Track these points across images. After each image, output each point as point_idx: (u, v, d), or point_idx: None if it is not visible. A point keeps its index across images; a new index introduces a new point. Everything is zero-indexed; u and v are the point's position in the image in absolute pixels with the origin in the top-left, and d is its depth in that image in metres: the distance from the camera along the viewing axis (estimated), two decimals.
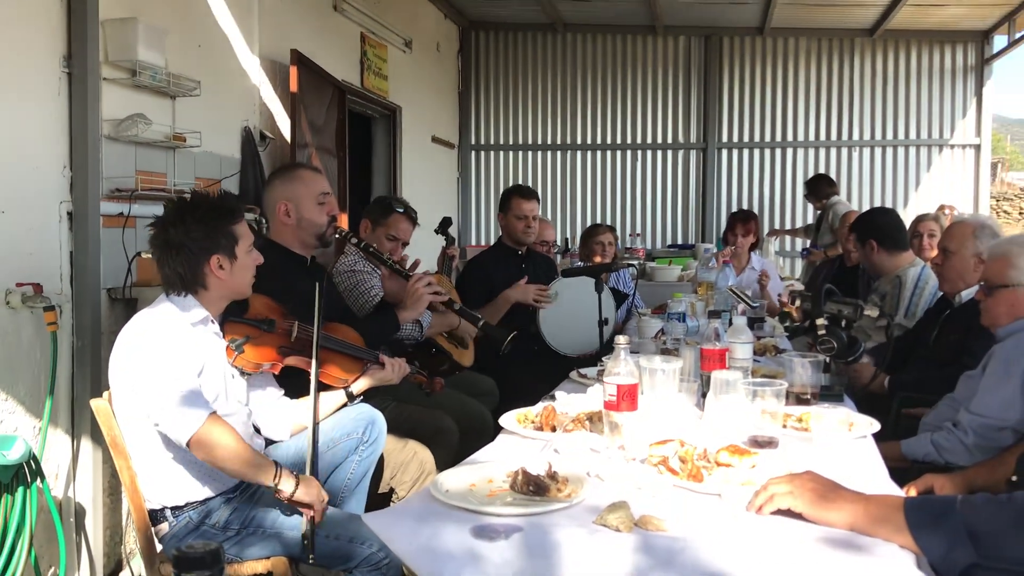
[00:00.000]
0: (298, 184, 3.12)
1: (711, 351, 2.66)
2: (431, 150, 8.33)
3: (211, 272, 2.42)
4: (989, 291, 2.78)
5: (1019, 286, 2.70)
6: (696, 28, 8.92)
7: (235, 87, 4.60)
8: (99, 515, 3.38)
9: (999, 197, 22.19)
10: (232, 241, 2.45)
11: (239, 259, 2.46)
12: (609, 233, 5.77)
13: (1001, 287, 2.73)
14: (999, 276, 2.74)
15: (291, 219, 3.10)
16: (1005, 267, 2.73)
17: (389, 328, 3.32)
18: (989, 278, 2.78)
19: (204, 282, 2.43)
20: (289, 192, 3.11)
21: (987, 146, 8.87)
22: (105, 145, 3.47)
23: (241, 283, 2.51)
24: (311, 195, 3.11)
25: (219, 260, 2.42)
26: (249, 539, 2.43)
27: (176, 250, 2.40)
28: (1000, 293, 2.73)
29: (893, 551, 1.58)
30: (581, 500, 1.78)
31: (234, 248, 2.45)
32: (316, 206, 3.11)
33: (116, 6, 3.57)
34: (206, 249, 2.41)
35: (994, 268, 2.77)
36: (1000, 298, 2.74)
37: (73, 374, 3.28)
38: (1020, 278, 2.70)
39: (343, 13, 6.13)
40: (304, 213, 3.10)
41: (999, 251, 2.79)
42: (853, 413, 2.60)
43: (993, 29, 8.47)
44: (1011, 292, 2.71)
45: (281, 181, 3.17)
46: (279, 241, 3.15)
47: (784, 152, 9.03)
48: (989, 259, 2.84)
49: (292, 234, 3.13)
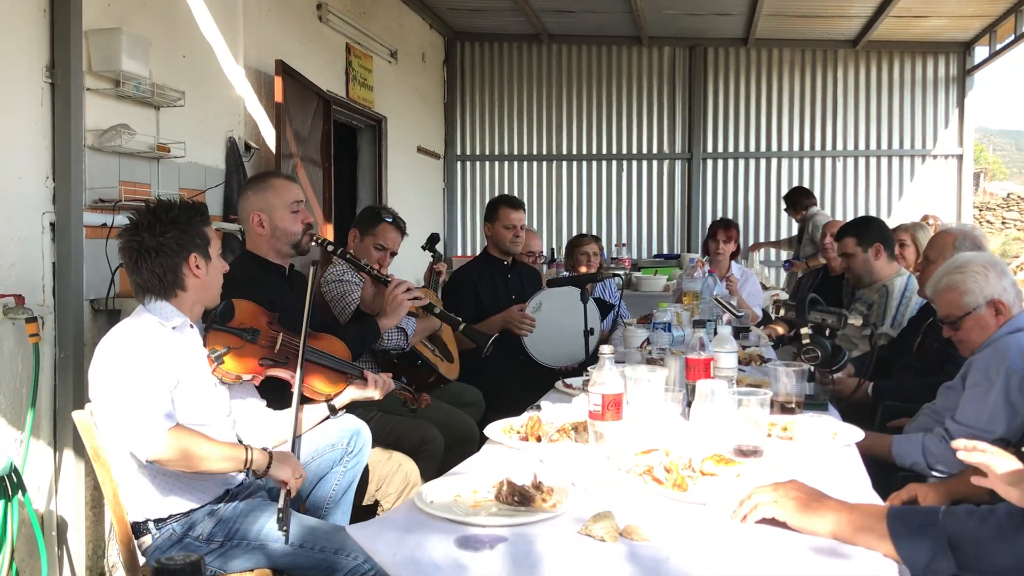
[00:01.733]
0: (270, 193, 3.11)
1: (696, 360, 2.67)
2: (417, 160, 8.33)
3: (190, 272, 2.45)
4: (955, 326, 2.80)
5: (980, 307, 2.74)
6: (681, 39, 8.97)
7: (220, 97, 4.59)
8: (81, 528, 3.35)
9: (982, 207, 22.39)
10: (205, 241, 2.49)
11: (213, 260, 2.51)
12: (594, 243, 5.78)
13: (964, 317, 2.76)
14: (957, 308, 2.77)
15: (265, 229, 3.09)
16: (959, 297, 2.76)
17: (370, 336, 3.31)
18: (949, 314, 2.80)
19: (182, 283, 2.45)
20: (261, 202, 3.10)
21: (969, 156, 8.95)
22: (88, 155, 3.46)
23: (215, 286, 2.54)
24: (283, 204, 3.09)
25: (196, 259, 2.46)
26: (233, 551, 2.41)
27: (154, 253, 2.41)
28: (965, 322, 2.77)
29: (876, 560, 1.58)
30: (566, 510, 1.78)
31: (207, 248, 2.49)
32: (290, 215, 3.10)
33: (100, 16, 3.56)
34: (184, 248, 2.43)
35: (948, 302, 2.79)
36: (968, 326, 2.77)
37: (55, 386, 3.26)
38: (977, 300, 2.74)
39: (328, 23, 6.13)
40: (277, 222, 3.09)
41: (944, 285, 2.80)
42: (837, 422, 2.61)
43: (974, 40, 8.55)
44: (975, 316, 2.75)
45: (253, 191, 3.15)
46: (255, 251, 3.14)
47: (769, 162, 9.08)
48: (939, 296, 2.83)
49: (267, 244, 3.12)
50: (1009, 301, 2.74)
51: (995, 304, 2.73)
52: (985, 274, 2.74)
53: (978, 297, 2.73)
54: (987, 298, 2.73)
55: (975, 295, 2.73)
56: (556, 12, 8.25)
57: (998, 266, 2.80)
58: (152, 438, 2.24)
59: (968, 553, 1.53)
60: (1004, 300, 2.73)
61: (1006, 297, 2.74)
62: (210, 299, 2.55)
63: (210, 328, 2.56)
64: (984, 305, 2.73)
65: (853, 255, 4.35)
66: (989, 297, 2.73)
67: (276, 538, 2.39)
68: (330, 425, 2.80)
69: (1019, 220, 22.40)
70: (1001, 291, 2.74)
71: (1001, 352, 2.65)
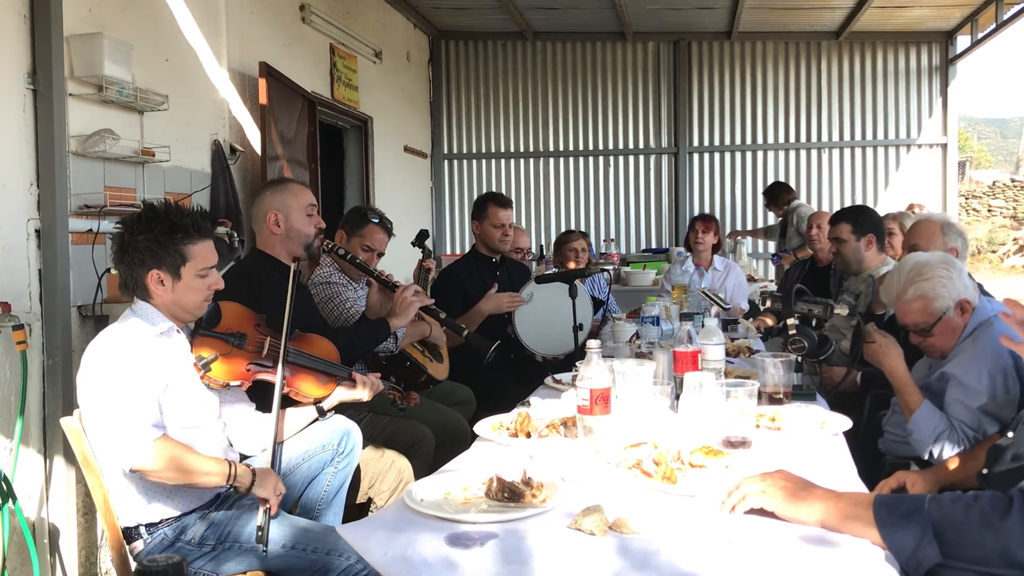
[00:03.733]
0: (288, 195, 3.21)
1: (683, 353, 2.68)
2: (404, 160, 8.33)
3: (151, 284, 2.43)
4: (927, 333, 2.78)
5: (948, 310, 2.73)
6: (665, 34, 8.99)
7: (204, 101, 4.58)
8: (73, 535, 3.34)
9: (967, 195, 22.51)
10: (179, 260, 2.43)
11: (184, 279, 2.45)
12: (582, 239, 5.78)
13: (936, 323, 2.75)
14: (929, 315, 2.75)
15: (280, 229, 3.18)
16: (929, 304, 2.73)
17: (381, 334, 3.39)
18: (919, 322, 2.77)
19: (145, 294, 2.45)
20: (279, 202, 3.18)
21: (954, 145, 8.99)
22: (72, 161, 3.45)
23: (187, 303, 2.49)
24: (300, 207, 3.20)
25: (159, 275, 2.42)
26: (225, 554, 2.41)
27: (125, 254, 2.43)
28: (936, 328, 2.76)
29: (864, 548, 1.59)
30: (556, 505, 1.79)
31: (179, 268, 2.44)
32: (305, 217, 3.20)
33: (81, 21, 3.55)
34: (147, 261, 2.42)
35: (918, 310, 2.76)
36: (939, 332, 2.76)
37: (44, 393, 3.25)
38: (946, 304, 2.72)
39: (311, 24, 6.12)
40: (294, 223, 3.18)
41: (912, 295, 2.76)
42: (825, 411, 2.62)
43: (956, 30, 8.59)
44: (945, 320, 2.74)
45: (271, 192, 3.24)
46: (266, 250, 3.21)
47: (755, 155, 9.11)
48: (906, 306, 2.79)
49: (280, 244, 3.20)
50: (972, 297, 2.74)
51: (961, 304, 2.73)
52: (949, 276, 2.73)
53: (947, 301, 2.72)
54: (955, 300, 2.72)
55: (945, 299, 2.72)
56: (540, 9, 8.26)
57: (955, 264, 2.79)
58: (137, 447, 2.25)
59: (953, 540, 1.54)
60: (968, 297, 2.73)
61: (968, 294, 2.73)
62: (184, 314, 2.51)
63: (197, 333, 2.55)
64: (952, 307, 2.73)
65: (846, 241, 4.34)
66: (957, 299, 2.72)
67: (269, 541, 2.39)
68: (320, 426, 2.80)
69: (1005, 208, 22.53)
70: (963, 288, 2.73)
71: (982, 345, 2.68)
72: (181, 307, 2.49)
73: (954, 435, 2.69)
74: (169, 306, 2.47)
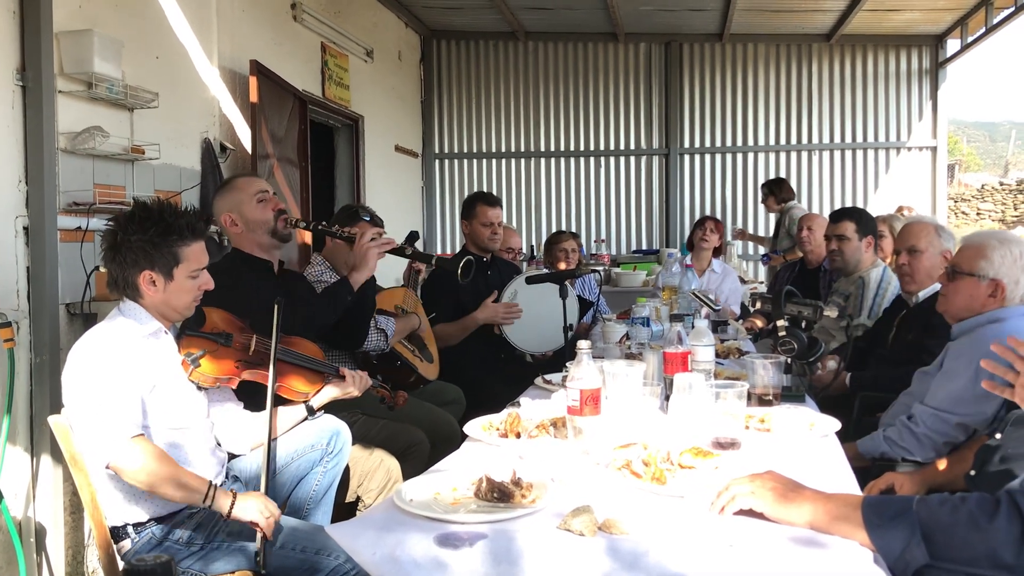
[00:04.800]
0: (234, 192, 3.19)
1: (674, 354, 2.68)
2: (395, 159, 8.31)
3: (142, 284, 2.41)
4: (953, 276, 2.77)
5: (984, 279, 2.71)
6: (656, 35, 9.00)
7: (194, 98, 4.57)
8: (60, 534, 3.32)
9: (956, 198, 22.61)
10: (172, 261, 2.42)
11: (176, 280, 2.43)
12: (572, 240, 5.79)
13: (967, 275, 2.72)
14: (969, 264, 2.72)
15: (239, 227, 3.16)
16: (978, 256, 2.71)
17: (343, 292, 3.26)
18: (958, 263, 2.76)
19: (135, 293, 2.43)
20: (228, 203, 3.17)
21: (943, 148, 9.04)
22: (61, 158, 3.43)
23: (177, 304, 2.48)
24: (249, 197, 3.16)
25: (151, 276, 2.41)
26: (214, 553, 2.41)
27: (117, 253, 2.41)
28: (964, 281, 2.73)
29: (853, 549, 1.59)
30: (545, 506, 1.78)
31: (172, 269, 2.42)
32: (257, 204, 3.16)
33: (71, 18, 3.53)
34: (140, 262, 2.40)
35: (967, 255, 2.75)
36: (962, 286, 2.74)
37: (32, 391, 3.23)
38: (988, 271, 2.69)
39: (303, 23, 6.10)
40: (248, 215, 3.15)
41: (976, 240, 2.76)
42: (815, 413, 2.63)
43: (946, 33, 8.63)
44: (974, 283, 2.71)
45: (219, 197, 3.24)
46: (241, 249, 3.20)
47: (745, 156, 9.14)
48: (964, 246, 2.79)
49: (247, 239, 3.18)
50: (1011, 294, 2.69)
51: (997, 285, 2.68)
52: (1015, 260, 2.68)
53: (990, 269, 2.68)
54: (996, 275, 2.68)
55: (991, 266, 2.68)
56: (532, 9, 8.26)
57: None
58: (115, 444, 2.24)
59: (940, 542, 1.54)
60: (1007, 288, 2.68)
61: (1013, 290, 2.68)
62: (173, 314, 2.50)
63: (183, 334, 2.55)
64: (988, 280, 2.69)
65: (849, 240, 4.35)
66: (999, 276, 2.68)
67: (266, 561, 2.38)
68: (310, 426, 2.79)
69: (993, 211, 22.63)
70: (1014, 281, 2.68)
71: (976, 341, 2.67)
72: (171, 307, 2.48)
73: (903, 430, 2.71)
74: (159, 306, 2.46)
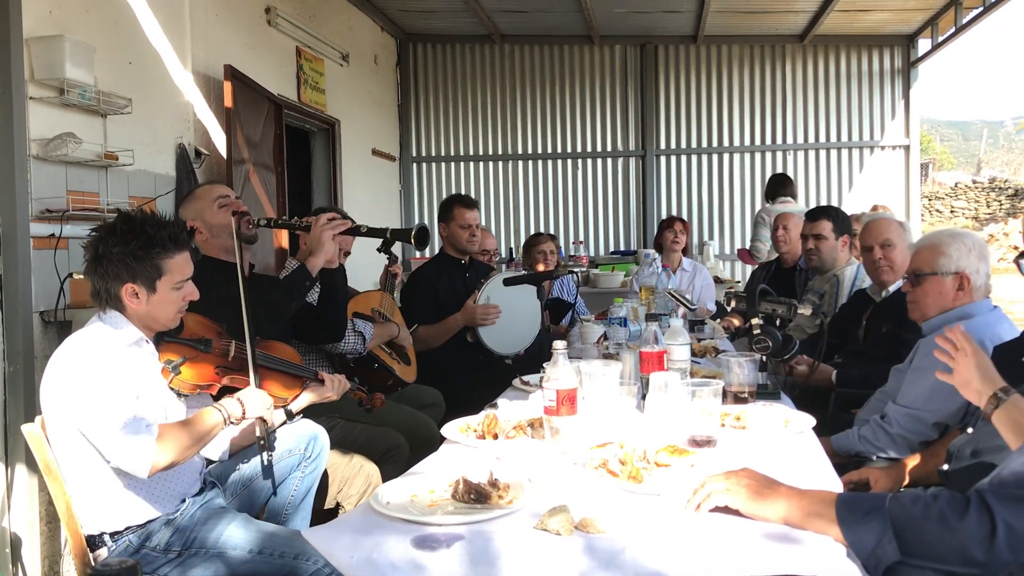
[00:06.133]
0: (195, 201, 3.23)
1: (650, 354, 2.70)
2: (372, 163, 8.30)
3: (124, 297, 2.39)
4: (917, 280, 2.83)
5: (947, 275, 2.76)
6: (631, 37, 9.04)
7: (168, 104, 4.54)
8: (36, 544, 3.29)
9: (931, 196, 22.87)
10: (155, 273, 2.40)
11: (159, 293, 2.41)
12: (550, 242, 5.81)
13: (930, 275, 2.78)
14: (929, 264, 2.79)
15: (204, 234, 3.18)
16: (935, 255, 2.78)
17: (300, 279, 3.23)
18: (918, 267, 2.83)
19: (119, 304, 2.41)
20: (191, 211, 3.20)
21: (916, 147, 9.11)
22: (34, 165, 3.40)
23: (161, 316, 2.46)
24: (210, 203, 3.19)
25: (134, 288, 2.39)
26: (191, 560, 2.39)
27: (99, 265, 2.39)
28: (929, 281, 2.79)
29: (826, 545, 1.61)
30: (522, 506, 1.79)
31: (155, 281, 2.40)
32: (217, 210, 3.18)
33: (41, 23, 3.50)
34: (121, 275, 2.37)
35: (925, 256, 2.82)
36: (929, 287, 2.80)
37: (6, 400, 3.20)
38: (950, 266, 2.75)
39: (277, 27, 6.08)
40: (210, 221, 3.17)
41: (928, 242, 2.84)
42: (790, 410, 2.65)
43: (917, 33, 8.72)
44: (939, 280, 2.77)
45: (183, 207, 3.28)
46: (208, 255, 3.21)
47: (721, 157, 9.19)
48: (920, 248, 2.87)
49: (212, 245, 3.19)
50: (976, 283, 2.76)
51: (961, 277, 2.75)
52: (969, 250, 2.76)
53: (951, 264, 2.75)
54: (958, 269, 2.74)
55: (950, 261, 2.75)
56: (508, 12, 8.27)
57: (983, 250, 2.82)
58: (144, 453, 2.22)
59: (911, 540, 1.56)
60: (971, 279, 2.75)
61: (976, 279, 2.75)
62: (156, 325, 2.48)
63: (162, 341, 2.53)
64: (952, 274, 2.75)
65: (826, 239, 4.40)
66: (961, 269, 2.74)
67: (234, 545, 2.38)
68: (288, 431, 2.78)
69: (967, 209, 22.91)
70: (975, 271, 2.75)
71: None
72: (154, 319, 2.46)
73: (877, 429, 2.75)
74: (142, 318, 2.44)
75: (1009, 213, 21.91)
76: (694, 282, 5.79)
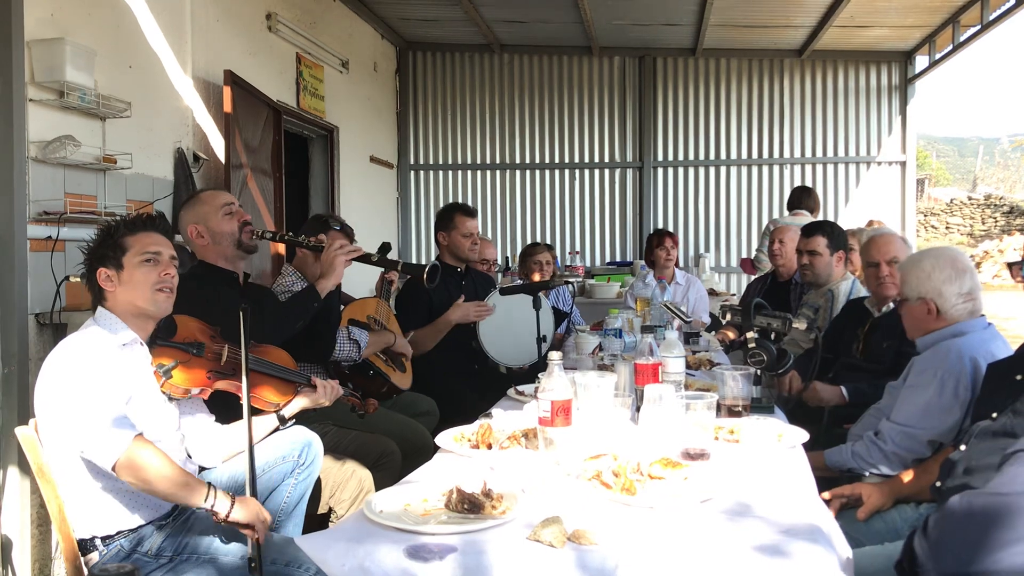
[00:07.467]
0: (200, 205, 3.21)
1: (644, 366, 2.69)
2: (370, 170, 8.31)
3: (102, 285, 2.45)
4: (900, 304, 2.92)
5: (911, 300, 2.80)
6: (631, 49, 9.07)
7: (167, 108, 4.55)
8: (27, 547, 3.28)
9: (926, 212, 22.92)
10: (119, 252, 2.46)
11: (126, 269, 2.44)
12: (547, 252, 5.81)
13: (905, 300, 2.85)
14: (902, 289, 2.86)
15: (205, 239, 3.17)
16: (904, 281, 2.85)
17: (309, 300, 3.26)
18: (900, 291, 2.90)
19: (101, 296, 2.47)
20: (195, 215, 3.19)
21: (912, 163, 9.15)
22: (32, 167, 3.40)
23: (137, 297, 2.45)
24: (215, 209, 3.18)
25: (106, 272, 2.45)
26: (183, 566, 2.39)
27: (84, 266, 2.50)
28: (906, 306, 2.86)
29: (820, 557, 1.62)
30: (515, 517, 1.79)
31: (121, 258, 2.45)
32: (223, 217, 3.18)
33: (42, 26, 3.51)
34: (92, 264, 2.47)
35: (900, 280, 2.90)
36: (907, 311, 2.86)
37: None
38: (912, 292, 2.79)
39: (277, 33, 6.10)
40: (214, 227, 3.16)
41: (902, 267, 2.91)
42: (783, 424, 2.65)
43: (915, 50, 8.76)
44: (908, 306, 2.83)
45: (185, 210, 3.26)
46: (206, 260, 3.20)
47: (718, 170, 9.21)
48: (900, 272, 2.93)
49: (212, 251, 3.19)
50: (944, 307, 2.73)
51: (926, 303, 2.76)
52: (929, 273, 2.74)
53: (912, 291, 2.79)
54: (919, 295, 2.77)
55: (910, 288, 2.79)
56: (507, 22, 8.30)
57: (951, 272, 2.73)
58: (117, 444, 2.19)
59: None
60: (937, 303, 2.74)
61: (941, 302, 2.73)
62: (141, 311, 2.47)
63: (155, 344, 2.53)
64: (915, 300, 2.78)
65: (821, 255, 4.40)
66: (921, 295, 2.76)
67: (226, 551, 2.37)
68: (281, 437, 2.78)
69: (962, 225, 22.96)
70: (937, 294, 2.73)
71: (940, 354, 2.72)
72: (134, 304, 2.45)
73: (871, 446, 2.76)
74: (125, 305, 2.45)
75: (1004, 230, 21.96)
76: (688, 294, 5.80)
